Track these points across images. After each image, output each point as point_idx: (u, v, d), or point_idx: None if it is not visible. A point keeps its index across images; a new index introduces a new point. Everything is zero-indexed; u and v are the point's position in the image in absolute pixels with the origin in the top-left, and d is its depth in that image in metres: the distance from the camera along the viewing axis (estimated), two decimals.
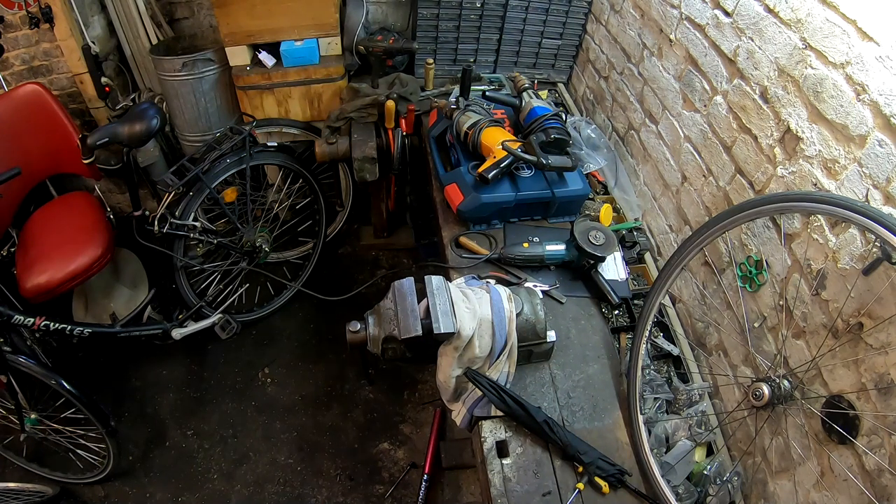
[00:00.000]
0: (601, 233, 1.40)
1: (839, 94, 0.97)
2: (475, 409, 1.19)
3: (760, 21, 1.17)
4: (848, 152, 0.96)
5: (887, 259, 0.85)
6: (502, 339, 1.15)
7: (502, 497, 1.08)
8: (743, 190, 1.25)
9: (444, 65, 2.13)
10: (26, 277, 1.67)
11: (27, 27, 1.98)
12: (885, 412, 0.87)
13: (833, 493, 0.95)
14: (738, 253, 1.25)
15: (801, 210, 1.01)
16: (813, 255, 1.02)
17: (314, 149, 2.02)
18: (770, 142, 1.15)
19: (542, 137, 1.52)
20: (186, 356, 2.21)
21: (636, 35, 1.71)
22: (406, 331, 1.06)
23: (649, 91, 1.65)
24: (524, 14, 2.04)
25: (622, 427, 1.21)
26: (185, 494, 1.85)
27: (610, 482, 1.10)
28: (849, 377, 0.94)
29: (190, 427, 2.02)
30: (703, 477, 1.17)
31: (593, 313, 1.42)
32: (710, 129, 1.36)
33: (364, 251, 2.63)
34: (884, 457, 0.86)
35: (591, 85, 2.09)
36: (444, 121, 1.77)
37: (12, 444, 1.77)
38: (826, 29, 0.99)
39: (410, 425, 2.04)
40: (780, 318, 1.10)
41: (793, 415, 1.02)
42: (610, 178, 1.79)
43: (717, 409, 1.30)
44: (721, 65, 1.31)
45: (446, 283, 1.15)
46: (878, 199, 0.90)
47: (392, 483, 1.88)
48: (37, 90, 1.85)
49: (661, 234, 1.62)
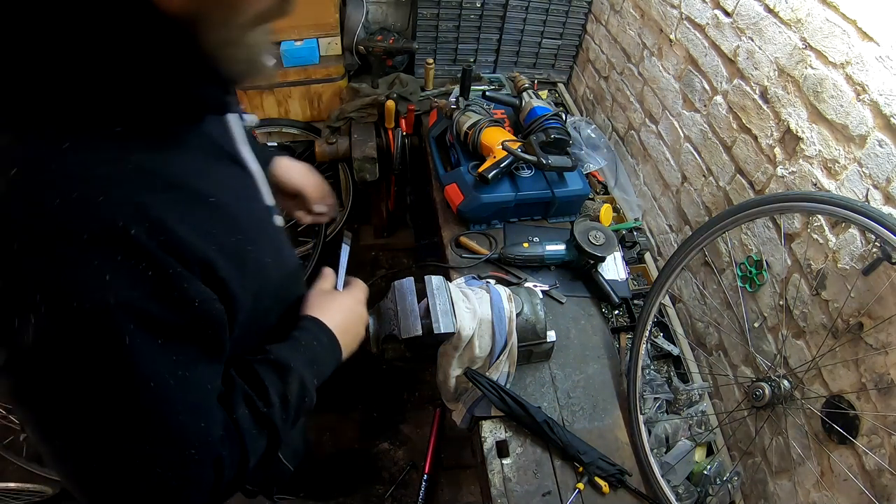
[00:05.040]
0: (601, 233, 1.40)
1: (839, 94, 0.97)
2: (475, 409, 1.19)
3: (760, 21, 1.17)
4: (848, 152, 0.96)
5: (887, 259, 0.85)
6: (502, 339, 1.15)
7: (502, 497, 1.08)
8: (743, 190, 1.25)
9: (444, 65, 2.13)
10: None
11: None
12: (885, 412, 0.87)
13: (833, 493, 0.95)
14: (738, 253, 1.25)
15: (801, 210, 1.01)
16: (813, 255, 1.02)
17: (314, 149, 2.02)
18: (770, 142, 1.15)
19: (542, 137, 1.52)
20: None
21: (636, 35, 1.71)
22: (406, 331, 1.06)
23: (649, 91, 1.65)
24: (524, 14, 2.03)
25: (622, 427, 1.21)
26: None
27: (610, 482, 1.10)
28: (849, 377, 0.94)
29: None
30: (703, 477, 1.17)
31: (593, 313, 1.42)
32: (710, 129, 1.36)
33: (364, 251, 2.63)
34: (884, 457, 0.86)
35: (591, 85, 2.09)
36: (444, 121, 1.76)
37: (12, 444, 1.77)
38: (826, 29, 0.99)
39: (410, 425, 2.04)
40: (780, 318, 1.10)
41: (793, 415, 1.02)
42: (610, 178, 1.79)
43: (717, 409, 1.30)
44: (721, 65, 1.31)
45: (446, 283, 1.15)
46: (878, 199, 0.90)
47: (392, 483, 1.88)
48: None
49: (661, 234, 1.62)
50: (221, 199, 0.59)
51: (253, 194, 0.73)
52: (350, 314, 0.86)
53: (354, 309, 0.88)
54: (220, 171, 0.64)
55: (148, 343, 0.49)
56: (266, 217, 0.75)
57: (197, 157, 0.59)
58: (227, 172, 0.66)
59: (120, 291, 0.46)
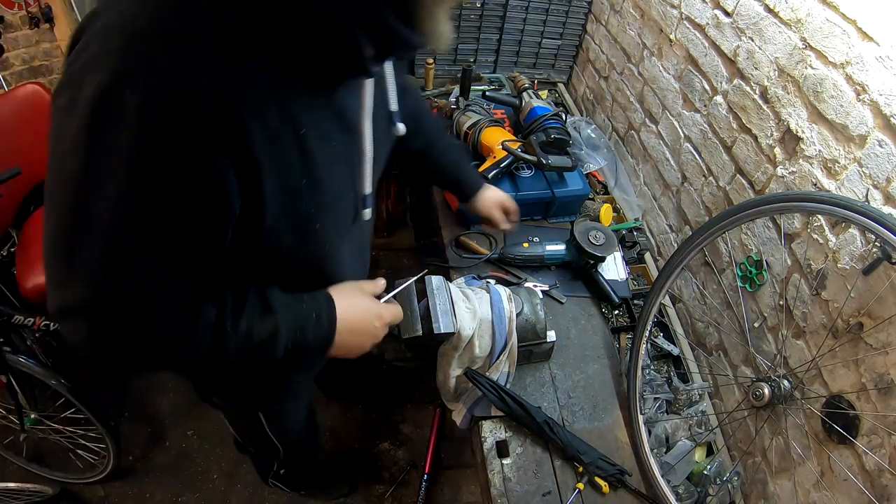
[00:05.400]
0: (601, 233, 1.40)
1: (839, 94, 0.97)
2: (475, 409, 1.19)
3: (760, 21, 1.17)
4: (848, 152, 0.96)
5: (887, 259, 0.85)
6: (502, 339, 1.15)
7: (502, 497, 1.08)
8: (743, 190, 1.25)
9: (444, 65, 2.13)
10: (26, 277, 1.67)
11: (27, 27, 1.99)
12: (885, 412, 0.87)
13: (833, 493, 0.95)
14: (738, 253, 1.25)
15: (801, 210, 1.01)
16: (813, 255, 1.02)
17: None
18: (770, 142, 1.15)
19: (542, 137, 1.52)
20: None
21: (636, 35, 1.71)
22: (406, 331, 1.06)
23: (649, 91, 1.65)
24: (524, 14, 2.03)
25: (622, 427, 1.21)
26: (185, 494, 1.85)
27: (610, 482, 1.10)
28: (849, 377, 0.94)
29: (190, 427, 2.01)
30: (703, 477, 1.17)
31: (593, 313, 1.42)
32: (710, 129, 1.36)
33: None
34: (884, 457, 0.86)
35: (591, 85, 2.09)
36: (444, 121, 1.77)
37: (12, 444, 1.77)
38: (826, 29, 0.99)
39: (410, 425, 2.04)
40: (780, 318, 1.10)
41: (793, 415, 1.02)
42: (610, 178, 1.79)
43: (717, 409, 1.30)
44: (721, 65, 1.31)
45: (446, 283, 1.15)
46: (878, 199, 0.90)
47: (392, 483, 1.88)
48: (37, 90, 1.85)
49: (661, 234, 1.62)
50: (311, 145, 0.63)
51: (348, 166, 0.74)
52: (366, 323, 0.83)
53: (374, 322, 0.84)
54: (330, 127, 0.67)
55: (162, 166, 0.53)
56: (347, 194, 0.75)
57: (315, 100, 0.63)
58: (336, 130, 0.68)
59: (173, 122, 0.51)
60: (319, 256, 0.76)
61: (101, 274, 0.56)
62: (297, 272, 0.76)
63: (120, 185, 0.52)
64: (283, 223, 0.65)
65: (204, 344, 0.66)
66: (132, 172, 0.52)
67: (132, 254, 0.56)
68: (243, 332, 0.67)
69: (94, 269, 0.56)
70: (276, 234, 0.66)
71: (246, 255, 0.68)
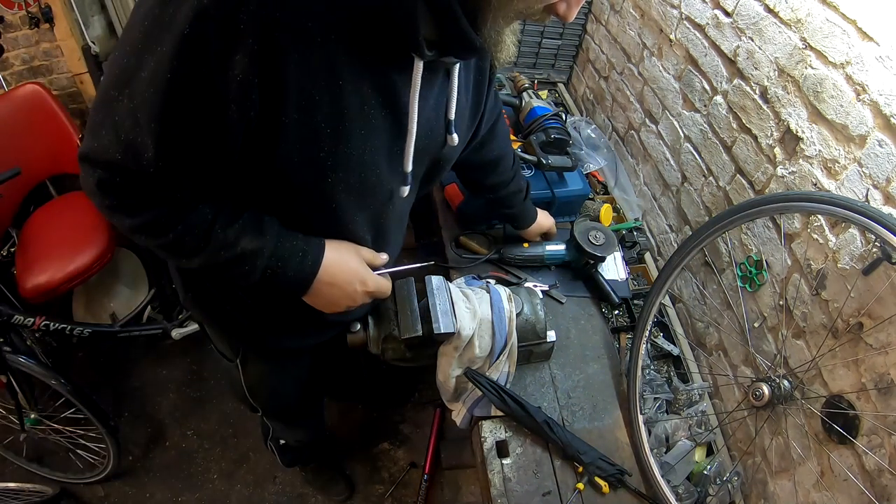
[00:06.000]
0: (601, 233, 1.40)
1: (839, 94, 0.97)
2: (475, 409, 1.19)
3: (760, 21, 1.17)
4: (848, 152, 0.96)
5: (887, 259, 0.85)
6: (502, 339, 1.15)
7: (502, 497, 1.08)
8: (743, 190, 1.25)
9: None
10: (26, 277, 1.67)
11: (27, 27, 1.98)
12: (885, 412, 0.87)
13: (833, 493, 0.95)
14: (738, 253, 1.25)
15: (801, 210, 1.01)
16: (813, 255, 1.02)
17: None
18: (770, 142, 1.15)
19: (542, 137, 1.52)
20: (186, 356, 2.20)
21: (636, 35, 1.71)
22: (406, 331, 1.06)
23: (649, 91, 1.65)
24: None
25: (622, 427, 1.21)
26: (185, 494, 1.85)
27: (610, 482, 1.10)
28: (849, 377, 0.94)
29: (190, 427, 2.02)
30: (703, 477, 1.17)
31: (593, 313, 1.42)
32: (710, 129, 1.36)
33: None
34: (884, 457, 0.86)
35: (591, 85, 2.09)
36: None
37: (12, 444, 1.77)
38: (826, 29, 0.99)
39: (410, 425, 2.04)
40: (780, 318, 1.10)
41: (793, 415, 1.02)
42: (610, 178, 1.79)
43: (717, 409, 1.30)
44: (721, 65, 1.31)
45: (446, 283, 1.15)
46: (878, 199, 0.90)
47: (392, 483, 1.89)
48: (37, 90, 1.85)
49: (661, 234, 1.62)
50: (347, 101, 0.65)
51: (385, 143, 0.75)
52: (347, 283, 0.84)
53: (356, 284, 0.85)
54: (372, 99, 0.68)
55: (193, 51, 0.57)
56: (376, 167, 0.76)
57: (365, 67, 0.66)
58: (378, 105, 0.70)
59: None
60: (327, 212, 0.78)
61: (123, 135, 0.61)
62: (302, 219, 0.78)
63: (162, 58, 0.57)
64: (297, 157, 0.67)
65: (192, 234, 0.71)
66: (172, 50, 0.56)
67: (154, 128, 0.60)
68: (231, 238, 0.72)
69: (121, 127, 0.61)
70: (288, 164, 0.68)
71: (258, 180, 0.71)
